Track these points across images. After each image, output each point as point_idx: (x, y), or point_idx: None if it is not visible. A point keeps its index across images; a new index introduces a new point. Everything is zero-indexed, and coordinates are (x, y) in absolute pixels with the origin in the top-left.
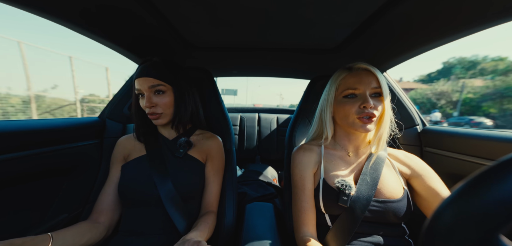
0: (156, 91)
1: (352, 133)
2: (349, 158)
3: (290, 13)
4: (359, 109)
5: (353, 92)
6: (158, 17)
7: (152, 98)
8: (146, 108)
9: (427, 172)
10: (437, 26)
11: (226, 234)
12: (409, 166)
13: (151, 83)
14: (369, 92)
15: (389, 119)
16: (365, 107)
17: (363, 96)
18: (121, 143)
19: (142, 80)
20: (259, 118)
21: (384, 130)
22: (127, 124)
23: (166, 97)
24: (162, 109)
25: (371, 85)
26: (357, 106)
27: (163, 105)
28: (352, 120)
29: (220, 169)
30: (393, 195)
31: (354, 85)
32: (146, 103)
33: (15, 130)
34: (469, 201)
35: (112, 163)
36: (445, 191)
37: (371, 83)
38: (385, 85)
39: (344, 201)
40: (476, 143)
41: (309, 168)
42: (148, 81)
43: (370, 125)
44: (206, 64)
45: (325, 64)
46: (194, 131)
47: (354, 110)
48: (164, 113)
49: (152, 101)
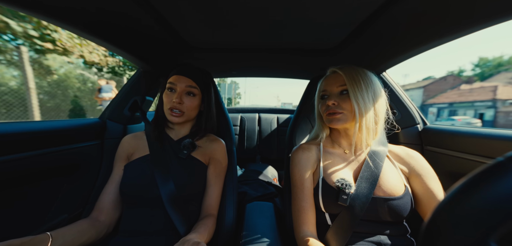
0: (188, 92)
1: (343, 130)
2: (348, 157)
3: (289, 14)
4: (326, 106)
5: (324, 93)
6: (158, 18)
7: (183, 97)
8: (174, 103)
9: (426, 172)
10: (436, 26)
11: (227, 234)
12: (409, 165)
13: (188, 83)
14: (336, 91)
15: (369, 112)
16: (328, 104)
17: (329, 95)
18: (126, 141)
19: (181, 78)
20: (259, 118)
21: (367, 123)
22: (128, 125)
23: (195, 100)
24: (185, 109)
25: (336, 84)
26: (326, 104)
27: (189, 106)
28: (325, 117)
29: (222, 173)
30: (394, 192)
31: (324, 87)
32: (176, 99)
33: (16, 132)
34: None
35: (116, 161)
36: (441, 194)
37: (336, 82)
38: (353, 82)
39: (344, 200)
40: (476, 142)
41: (308, 167)
42: (186, 80)
43: (336, 120)
44: (206, 65)
45: (324, 65)
46: (205, 135)
47: (324, 108)
48: (186, 114)
49: (182, 99)
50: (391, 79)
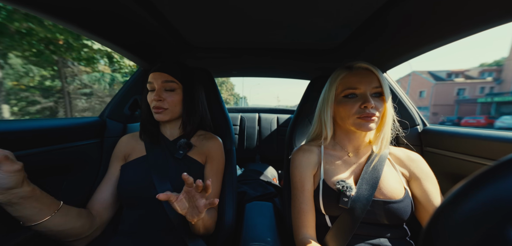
0: (167, 88)
1: (352, 133)
2: (349, 159)
3: (290, 14)
4: (359, 109)
5: (353, 91)
6: (159, 18)
7: (162, 93)
8: (154, 101)
9: (425, 176)
10: (437, 26)
11: (226, 233)
12: (409, 168)
13: (164, 78)
14: (370, 92)
15: (391, 118)
16: (366, 107)
17: (363, 96)
18: (123, 141)
19: (157, 74)
20: (259, 118)
21: (387, 130)
22: (128, 123)
23: (175, 95)
24: (168, 105)
25: (371, 85)
26: (358, 106)
27: (171, 102)
28: (353, 120)
29: (220, 170)
30: (394, 195)
31: (355, 84)
32: (155, 96)
33: (15, 130)
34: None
35: (112, 161)
36: (439, 199)
37: (371, 82)
38: (386, 84)
39: (345, 202)
40: (476, 143)
41: (309, 169)
42: (162, 76)
43: (371, 124)
44: (206, 64)
45: (325, 65)
46: (195, 132)
47: (354, 110)
48: (169, 110)
49: (161, 95)
50: (391, 80)
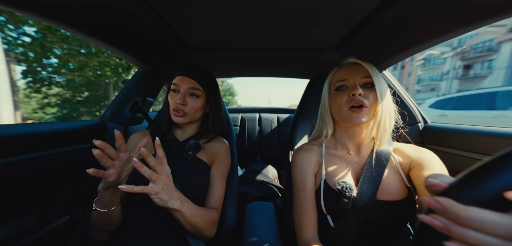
0: (192, 94)
1: (351, 130)
2: (351, 157)
3: (289, 13)
4: (348, 98)
5: (343, 83)
6: (158, 19)
7: (187, 97)
8: (177, 104)
9: (427, 163)
10: (435, 23)
11: (227, 234)
12: (410, 157)
13: (191, 84)
14: (359, 82)
15: (388, 109)
16: (354, 94)
17: (352, 86)
18: (133, 140)
19: (184, 79)
20: (260, 118)
21: (385, 122)
22: (129, 126)
23: (198, 102)
24: (189, 110)
25: (360, 75)
26: (347, 95)
27: (193, 107)
28: (344, 111)
29: (225, 172)
30: (397, 195)
31: (344, 77)
32: (179, 100)
33: (17, 134)
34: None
35: None
36: None
37: (360, 73)
38: (377, 76)
39: (345, 203)
40: (477, 139)
41: (310, 169)
42: (189, 82)
43: (361, 116)
44: (206, 65)
45: (324, 63)
46: (204, 134)
47: (344, 100)
48: (189, 115)
49: (186, 100)
50: (391, 77)
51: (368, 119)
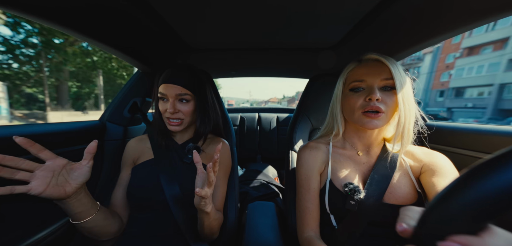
0: (181, 99)
1: (361, 130)
2: (359, 158)
3: (289, 12)
4: (364, 102)
5: (359, 84)
6: (156, 19)
7: (177, 105)
8: (169, 113)
9: (439, 169)
10: (435, 21)
11: (228, 234)
12: (421, 161)
13: (178, 91)
14: (378, 85)
15: (410, 115)
16: (371, 99)
17: (369, 88)
18: (131, 145)
19: (170, 87)
20: (259, 117)
21: (404, 127)
22: (128, 126)
23: (190, 105)
24: (183, 116)
25: (380, 76)
26: (363, 99)
27: (186, 112)
28: (357, 115)
29: (226, 174)
30: (406, 199)
31: (361, 76)
32: (170, 109)
33: (16, 135)
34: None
35: (123, 166)
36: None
37: (380, 74)
38: (399, 77)
39: (352, 206)
40: (477, 138)
41: (315, 168)
42: (176, 89)
43: (377, 121)
44: (205, 65)
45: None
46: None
47: (359, 103)
48: (185, 120)
49: (176, 107)
50: None
51: (384, 124)
